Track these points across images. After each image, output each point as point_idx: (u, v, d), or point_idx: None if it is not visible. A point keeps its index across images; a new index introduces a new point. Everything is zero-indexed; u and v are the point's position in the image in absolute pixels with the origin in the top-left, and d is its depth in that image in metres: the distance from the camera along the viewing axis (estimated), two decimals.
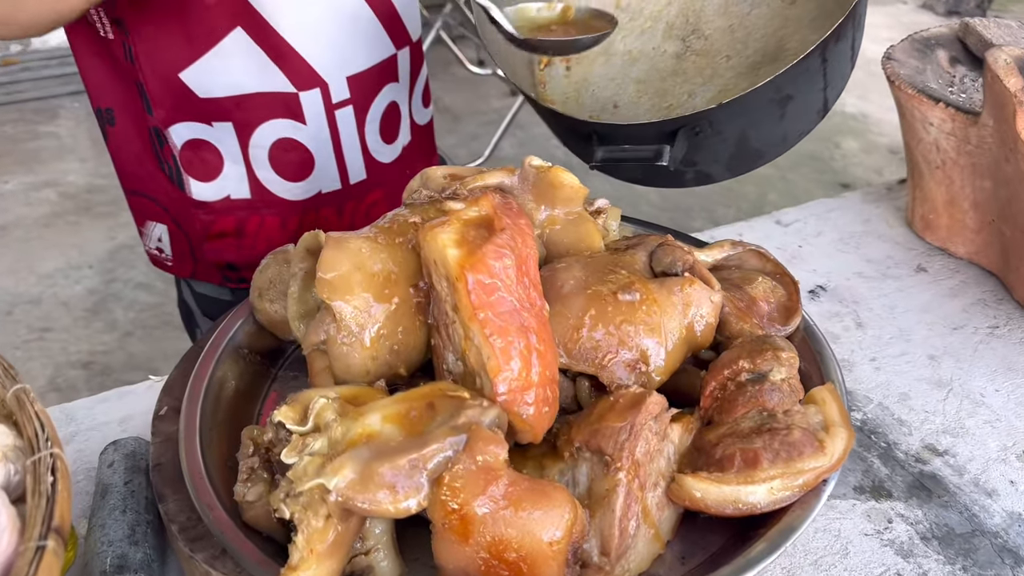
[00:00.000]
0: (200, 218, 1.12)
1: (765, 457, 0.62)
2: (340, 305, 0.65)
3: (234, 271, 1.18)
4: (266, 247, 1.15)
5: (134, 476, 0.84)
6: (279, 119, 1.07)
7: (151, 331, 2.71)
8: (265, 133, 1.07)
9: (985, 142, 1.07)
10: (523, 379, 0.61)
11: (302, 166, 1.11)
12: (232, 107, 1.04)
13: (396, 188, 1.23)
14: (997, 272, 1.16)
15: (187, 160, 1.08)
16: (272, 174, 1.10)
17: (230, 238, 1.14)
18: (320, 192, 1.15)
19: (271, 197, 1.12)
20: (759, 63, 1.15)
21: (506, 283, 0.63)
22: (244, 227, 1.13)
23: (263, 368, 0.84)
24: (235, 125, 1.06)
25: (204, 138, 1.07)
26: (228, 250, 1.15)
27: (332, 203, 1.16)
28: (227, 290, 1.21)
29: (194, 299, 1.27)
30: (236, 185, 1.11)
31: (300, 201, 1.14)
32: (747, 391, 0.64)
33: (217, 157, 1.09)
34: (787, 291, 0.81)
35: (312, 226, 1.17)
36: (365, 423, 0.59)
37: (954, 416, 0.96)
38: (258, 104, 1.05)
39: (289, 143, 1.09)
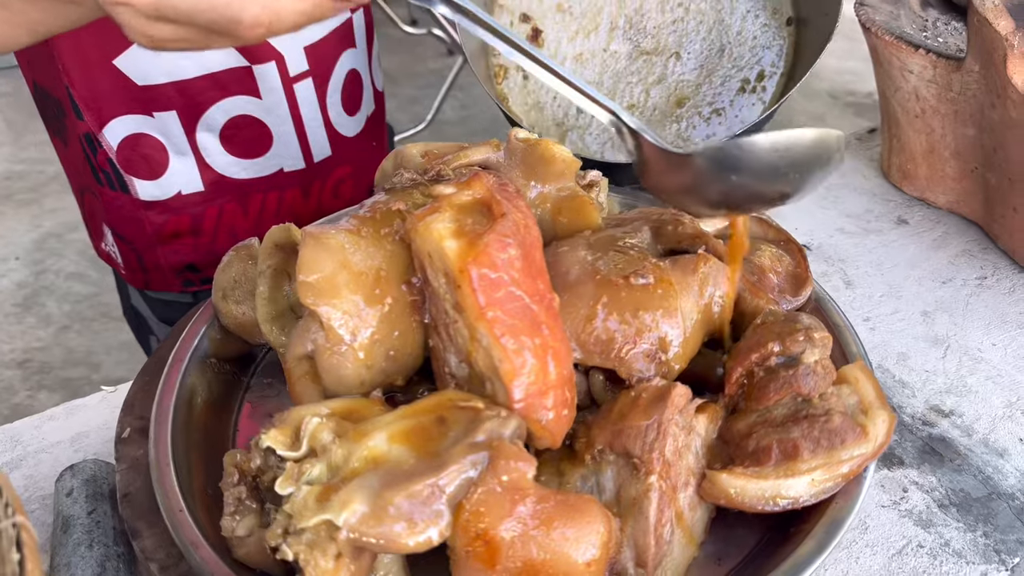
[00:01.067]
0: (150, 220, 1.02)
1: (805, 447, 0.57)
2: (327, 311, 0.57)
3: (195, 272, 1.08)
4: (229, 240, 1.06)
5: (97, 504, 0.76)
6: (230, 97, 0.97)
7: (89, 323, 2.57)
8: (214, 115, 0.97)
9: (969, 88, 1.03)
10: (540, 382, 0.55)
11: (258, 141, 1.02)
12: (175, 93, 0.94)
13: (363, 163, 1.15)
14: (979, 221, 1.13)
15: (126, 160, 0.98)
16: (226, 157, 1.00)
17: (186, 237, 1.04)
18: (282, 170, 1.05)
19: (227, 183, 1.02)
20: (707, 57, 1.15)
21: (513, 276, 0.57)
22: (201, 223, 1.04)
23: (233, 377, 0.76)
24: (179, 112, 0.96)
25: (145, 132, 0.97)
26: (185, 250, 1.05)
27: (296, 183, 1.07)
28: (188, 295, 1.11)
29: (147, 304, 1.17)
30: (186, 180, 1.01)
31: (260, 179, 1.04)
32: (780, 376, 0.59)
33: (161, 152, 0.98)
34: (794, 259, 0.77)
35: (276, 209, 1.08)
36: (370, 445, 0.52)
37: (955, 374, 0.94)
38: (205, 87, 0.95)
39: (242, 119, 0.99)
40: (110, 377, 2.43)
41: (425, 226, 0.58)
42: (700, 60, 1.14)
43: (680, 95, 1.15)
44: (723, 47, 1.14)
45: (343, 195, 1.12)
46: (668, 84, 1.15)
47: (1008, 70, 0.93)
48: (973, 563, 0.75)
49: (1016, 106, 0.94)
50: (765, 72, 1.12)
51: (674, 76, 1.15)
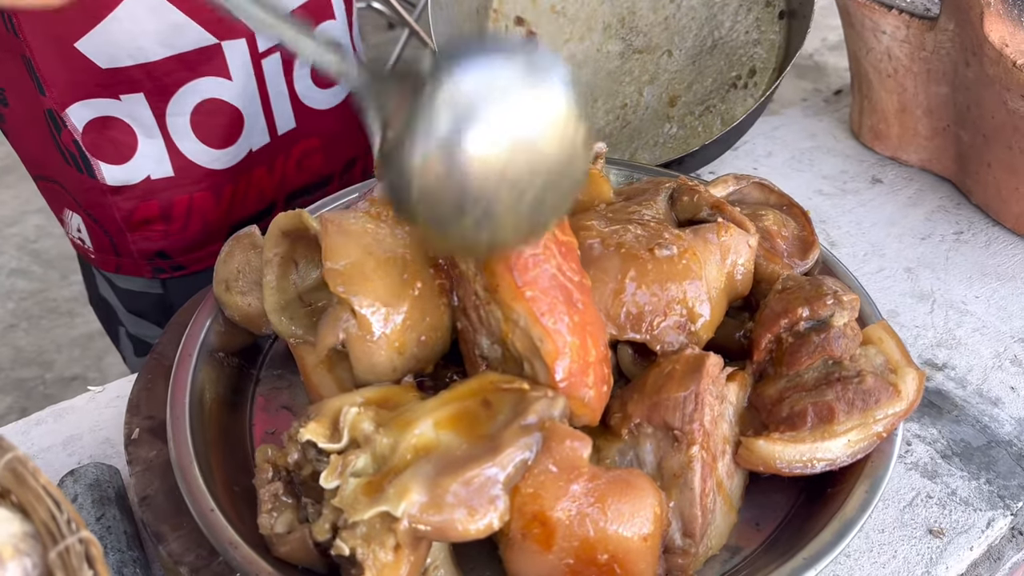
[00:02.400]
0: (119, 206, 0.98)
1: (840, 409, 0.58)
2: (359, 298, 0.56)
3: (166, 259, 1.04)
4: (201, 227, 1.03)
5: (105, 509, 0.74)
6: (200, 78, 0.93)
7: (37, 321, 2.48)
8: (184, 98, 0.93)
9: (943, 47, 1.05)
10: (581, 360, 0.55)
11: (230, 128, 0.98)
12: (142, 76, 0.90)
13: (337, 137, 1.11)
14: (951, 177, 1.16)
15: (92, 143, 0.93)
16: (197, 144, 0.97)
17: (156, 223, 1.00)
18: (251, 151, 1.02)
19: (198, 171, 0.98)
20: (698, 54, 1.16)
21: (546, 253, 0.56)
22: (171, 210, 1.00)
23: (242, 370, 0.74)
24: (147, 95, 0.92)
25: (112, 115, 0.92)
26: (156, 237, 1.01)
27: (262, 160, 1.04)
28: (157, 282, 1.07)
29: (115, 294, 1.13)
30: (155, 164, 0.97)
31: (232, 168, 1.01)
32: (811, 341, 0.59)
33: (129, 135, 0.94)
34: (798, 223, 0.77)
35: (245, 190, 1.05)
36: (417, 433, 0.51)
37: (944, 328, 0.96)
38: (172, 68, 0.91)
39: (214, 104, 0.95)
40: (63, 375, 2.35)
41: None
42: (692, 56, 1.15)
43: (672, 93, 1.15)
44: (715, 43, 1.15)
45: (308, 167, 1.09)
46: (660, 83, 1.15)
47: (985, 28, 0.94)
48: (980, 510, 0.77)
49: (992, 64, 0.96)
50: (756, 68, 1.13)
51: (666, 74, 1.16)
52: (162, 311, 1.11)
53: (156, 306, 1.10)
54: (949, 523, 0.76)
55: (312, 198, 1.13)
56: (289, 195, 1.09)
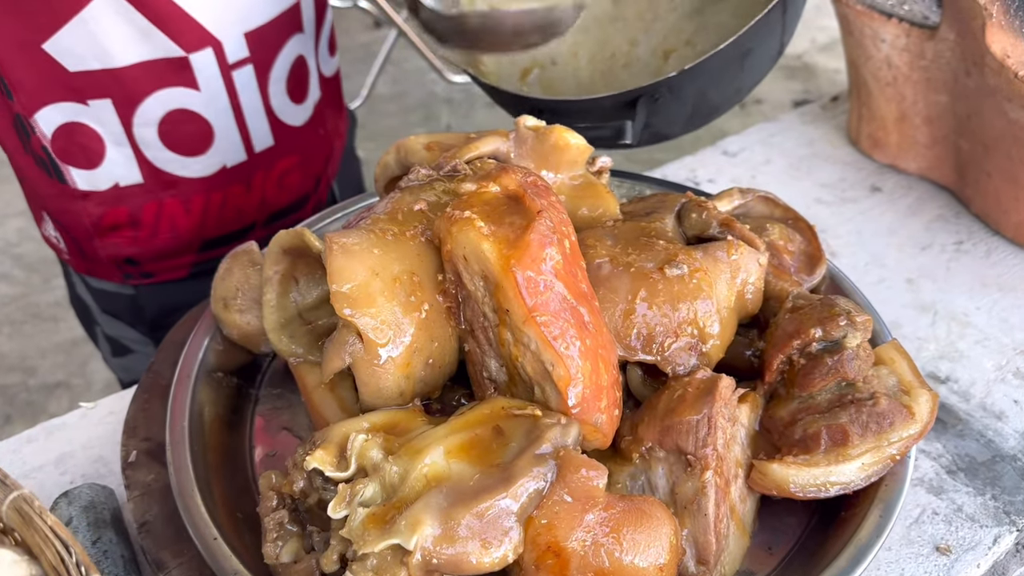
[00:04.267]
0: (88, 211, 0.97)
1: (854, 432, 0.57)
2: (366, 321, 0.54)
3: (134, 265, 1.03)
4: (169, 235, 1.02)
5: (101, 532, 0.72)
6: (166, 88, 0.92)
7: (19, 327, 2.45)
8: (151, 108, 0.92)
9: (943, 56, 1.05)
10: (593, 385, 0.54)
11: (199, 138, 0.97)
12: (109, 81, 0.89)
13: (312, 153, 1.10)
14: (951, 186, 1.15)
15: (62, 149, 0.92)
16: (165, 152, 0.95)
17: (125, 230, 0.99)
18: (224, 167, 1.01)
19: (168, 177, 0.97)
20: (702, 5, 1.07)
21: (556, 275, 0.55)
22: (140, 216, 0.98)
23: (241, 390, 0.72)
24: (115, 102, 0.90)
25: (80, 120, 0.91)
26: (124, 243, 1.00)
27: (239, 177, 1.03)
28: (129, 286, 1.06)
29: (91, 294, 1.12)
30: (124, 170, 0.95)
31: (203, 179, 1.00)
32: (824, 363, 0.59)
33: (97, 141, 0.93)
34: (804, 237, 0.77)
35: (220, 205, 1.03)
36: (427, 462, 0.50)
37: (946, 340, 0.96)
38: (139, 75, 0.89)
39: (181, 114, 0.94)
40: (47, 382, 2.32)
41: (459, 228, 0.56)
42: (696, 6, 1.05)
43: (668, 47, 1.06)
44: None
45: (289, 186, 1.08)
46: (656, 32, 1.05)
47: (987, 39, 0.94)
48: (986, 526, 0.77)
49: (994, 74, 0.96)
50: None
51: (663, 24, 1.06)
52: (134, 313, 1.10)
53: (128, 308, 1.09)
54: (956, 540, 0.76)
55: (291, 219, 1.11)
56: (270, 216, 1.08)
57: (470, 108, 3.37)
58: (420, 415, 0.57)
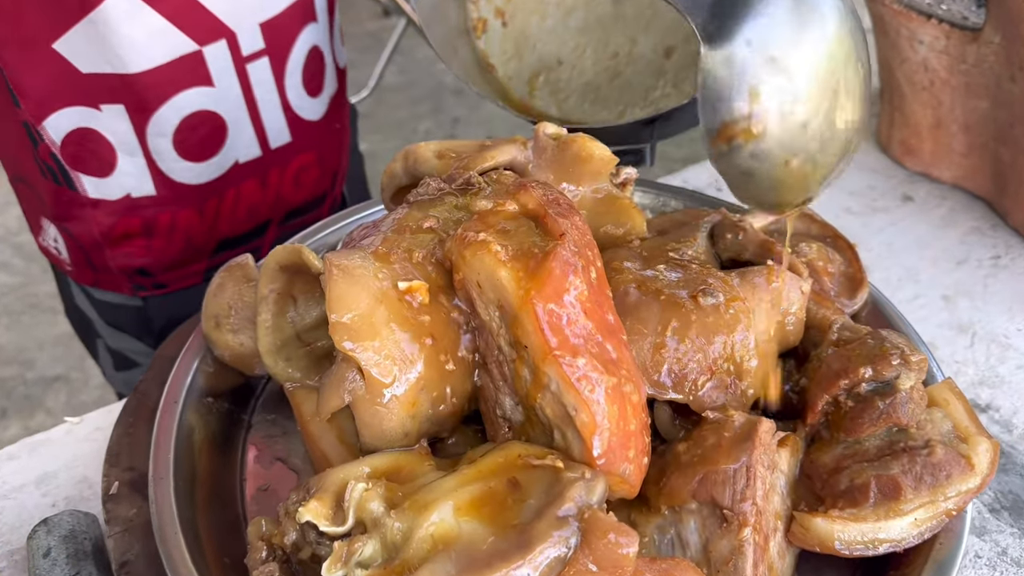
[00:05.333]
0: (98, 220, 0.91)
1: (907, 485, 0.51)
2: (368, 356, 0.49)
3: (147, 277, 0.97)
4: (185, 243, 0.96)
5: (81, 566, 0.67)
6: (182, 91, 0.86)
7: (18, 317, 2.40)
8: (167, 116, 0.86)
9: (985, 60, 0.99)
10: (621, 431, 0.48)
11: (214, 138, 0.92)
12: (121, 86, 0.83)
13: (328, 149, 1.05)
14: (987, 196, 1.09)
15: (72, 155, 0.87)
16: (180, 163, 0.90)
17: (138, 239, 0.93)
18: (237, 163, 0.95)
19: (182, 189, 0.92)
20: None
21: (582, 308, 0.49)
22: (154, 226, 0.93)
23: (233, 416, 0.67)
24: (128, 108, 0.85)
25: (91, 127, 0.85)
26: (137, 253, 0.95)
27: (253, 174, 0.97)
28: (138, 298, 1.00)
29: (93, 306, 1.06)
30: (136, 182, 0.90)
31: (215, 181, 0.95)
32: (875, 407, 0.53)
33: (108, 150, 0.87)
34: (844, 257, 0.71)
35: (232, 204, 0.98)
36: (433, 519, 0.45)
37: (985, 364, 0.90)
38: (154, 82, 0.84)
39: (197, 118, 0.89)
40: (45, 375, 2.28)
41: (473, 252, 0.50)
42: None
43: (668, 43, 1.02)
44: None
45: (306, 184, 1.03)
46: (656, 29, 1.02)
47: None
48: None
49: None
50: None
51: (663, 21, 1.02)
52: (142, 325, 1.04)
53: (135, 320, 1.03)
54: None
55: (308, 217, 1.06)
56: (287, 214, 1.02)
57: (480, 100, 3.30)
58: (427, 458, 0.51)
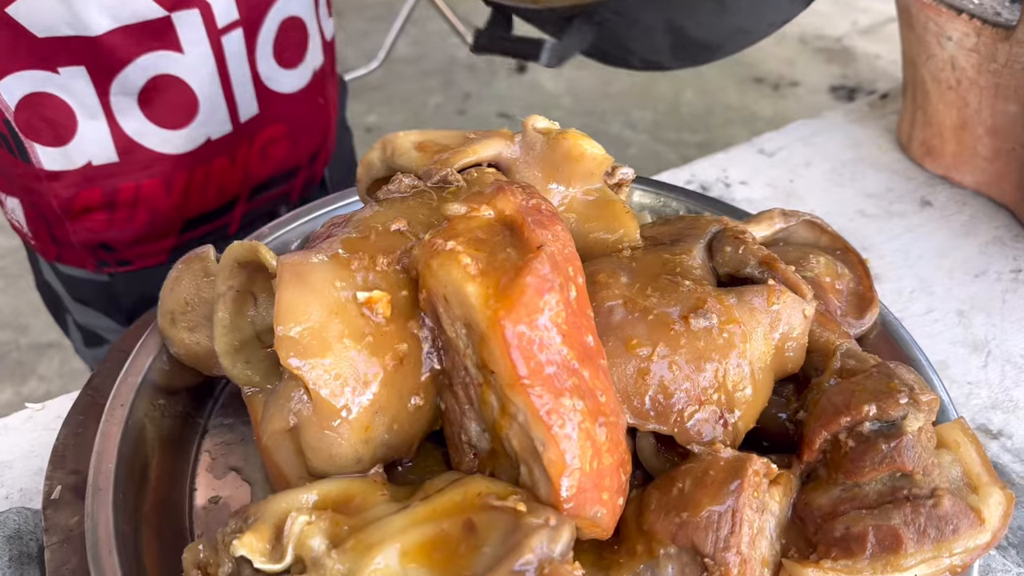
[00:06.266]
0: (56, 193, 0.86)
1: (909, 538, 0.47)
2: (318, 374, 0.44)
3: (110, 252, 0.93)
4: (148, 217, 0.92)
5: (24, 570, 0.63)
6: (147, 53, 0.81)
7: (15, 281, 2.37)
8: (131, 76, 0.81)
9: (1018, 60, 0.92)
10: (593, 470, 0.44)
11: (184, 108, 0.87)
12: (83, 48, 0.78)
13: (304, 123, 1.00)
14: (1010, 204, 1.04)
15: (25, 123, 0.82)
16: (146, 124, 0.85)
17: (99, 212, 0.89)
18: (209, 139, 0.91)
19: (147, 155, 0.87)
20: None
21: (557, 330, 0.44)
22: (115, 197, 0.88)
23: (187, 418, 0.63)
24: (89, 69, 0.80)
25: (47, 90, 0.80)
26: (99, 227, 0.90)
27: (224, 151, 0.93)
28: (104, 274, 0.96)
29: (60, 281, 1.02)
30: (97, 148, 0.85)
31: (186, 155, 0.90)
32: (878, 449, 0.48)
33: (67, 115, 0.82)
34: (854, 272, 0.66)
35: (203, 182, 0.93)
36: (378, 563, 0.40)
37: (999, 386, 0.85)
38: (118, 43, 0.79)
39: (164, 80, 0.84)
40: (39, 341, 2.25)
41: (440, 263, 0.45)
42: None
43: None
44: None
45: (273, 157, 0.98)
46: None
47: None
48: None
49: None
50: None
51: None
52: (109, 302, 1.01)
53: (102, 296, 1.00)
54: None
55: (275, 192, 1.02)
56: (253, 188, 0.98)
57: (492, 76, 3.24)
58: (381, 487, 0.47)
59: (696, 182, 1.09)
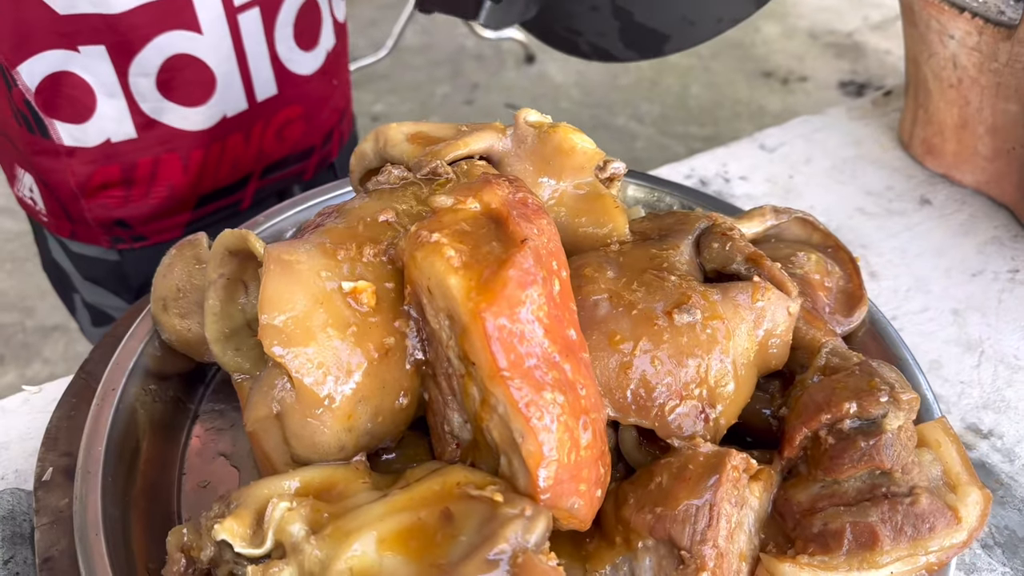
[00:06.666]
0: (74, 170, 0.88)
1: (885, 535, 0.47)
2: (301, 362, 0.45)
3: (125, 228, 0.94)
4: (166, 194, 0.93)
5: (16, 550, 0.64)
6: (166, 32, 0.83)
7: (21, 264, 2.39)
8: (150, 57, 0.83)
9: (1019, 60, 0.92)
10: (571, 462, 0.44)
11: (202, 86, 0.89)
12: (103, 27, 0.80)
13: (319, 104, 1.01)
14: (1010, 204, 1.03)
15: (47, 102, 0.83)
16: (164, 102, 0.87)
17: (116, 188, 0.90)
18: (225, 117, 0.92)
19: (165, 131, 0.88)
20: None
21: (538, 323, 0.45)
22: (133, 174, 0.90)
23: (178, 403, 0.63)
24: (109, 49, 0.81)
25: (69, 69, 0.82)
26: (115, 204, 0.92)
27: (239, 128, 0.94)
28: (114, 250, 0.98)
29: (69, 259, 1.03)
30: (116, 126, 0.87)
31: (202, 132, 0.91)
32: (857, 447, 0.48)
33: (87, 92, 0.84)
34: (844, 270, 0.66)
35: (218, 159, 0.95)
36: (355, 550, 0.41)
37: (991, 386, 0.85)
38: (138, 22, 0.80)
39: (183, 60, 0.85)
40: (44, 324, 2.26)
41: (425, 255, 0.46)
42: None
43: None
44: None
45: (289, 138, 1.00)
46: None
47: None
48: None
49: None
50: None
51: None
52: (118, 280, 1.02)
53: (112, 274, 1.01)
54: None
55: (289, 172, 1.03)
56: (267, 167, 0.99)
57: (500, 66, 3.24)
58: (364, 474, 0.47)
59: (696, 176, 1.09)
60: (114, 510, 0.53)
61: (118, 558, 0.50)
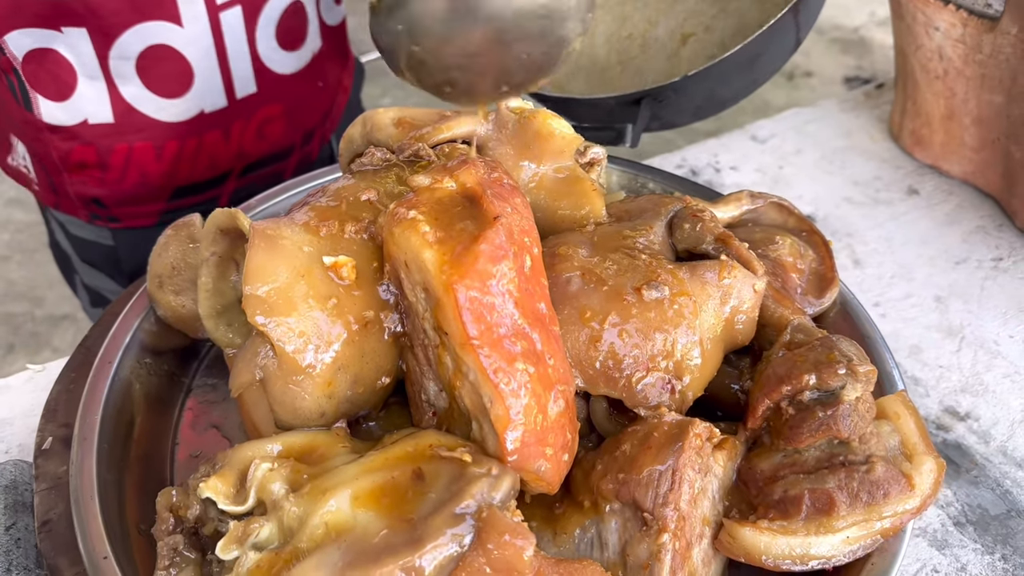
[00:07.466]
0: (56, 145, 0.91)
1: (841, 500, 0.49)
2: (282, 331, 0.47)
3: (102, 208, 0.97)
4: (138, 179, 0.96)
5: (17, 517, 0.67)
6: (148, 21, 0.85)
7: (31, 254, 2.42)
8: (130, 41, 0.85)
9: (1002, 52, 0.94)
10: (538, 426, 0.46)
11: (179, 79, 0.91)
12: (84, 9, 0.82)
13: (300, 103, 1.03)
14: (996, 194, 1.05)
15: (32, 74, 0.86)
16: (142, 90, 0.89)
17: (92, 170, 0.93)
18: (203, 112, 0.94)
19: (141, 119, 0.91)
20: None
21: (508, 296, 0.47)
22: (108, 158, 0.92)
23: (172, 377, 0.66)
24: (90, 31, 0.84)
25: (51, 47, 0.85)
26: (91, 183, 0.94)
27: (217, 124, 0.96)
28: (107, 232, 1.01)
29: (69, 241, 1.07)
30: (95, 107, 0.89)
31: (179, 124, 0.94)
32: (816, 417, 0.50)
33: (68, 72, 0.87)
34: (817, 253, 0.68)
35: (194, 154, 0.97)
36: (330, 506, 0.43)
37: (970, 370, 0.86)
38: (119, 8, 0.83)
39: (162, 50, 0.88)
40: (54, 313, 2.30)
41: (402, 230, 0.48)
42: None
43: (686, 30, 1.02)
44: None
45: (269, 136, 1.02)
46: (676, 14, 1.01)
47: None
48: None
49: None
50: None
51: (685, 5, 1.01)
52: (112, 264, 1.06)
53: (107, 258, 1.04)
54: None
55: (268, 171, 1.05)
56: (247, 166, 1.01)
57: None
58: (343, 439, 0.50)
59: (687, 166, 1.11)
60: (109, 475, 0.56)
61: (111, 520, 0.53)
